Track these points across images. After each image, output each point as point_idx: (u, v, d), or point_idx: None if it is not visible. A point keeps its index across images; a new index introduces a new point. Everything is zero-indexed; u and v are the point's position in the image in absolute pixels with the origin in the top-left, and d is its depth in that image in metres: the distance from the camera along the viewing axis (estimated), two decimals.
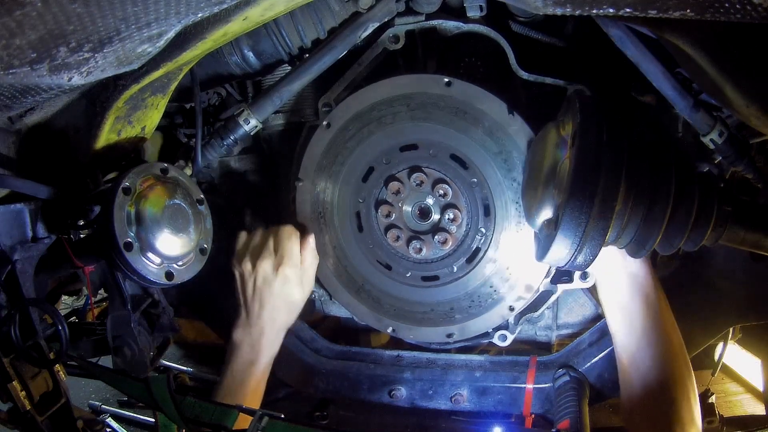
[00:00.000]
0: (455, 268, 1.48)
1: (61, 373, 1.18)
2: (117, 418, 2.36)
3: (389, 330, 1.56)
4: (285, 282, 1.45)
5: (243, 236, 1.54)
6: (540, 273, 1.42)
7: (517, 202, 1.38)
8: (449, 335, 1.51)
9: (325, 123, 1.47)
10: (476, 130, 1.38)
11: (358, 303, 1.56)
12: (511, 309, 1.45)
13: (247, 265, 1.47)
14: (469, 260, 1.46)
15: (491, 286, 1.46)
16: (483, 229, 1.43)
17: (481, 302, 1.48)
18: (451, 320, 1.50)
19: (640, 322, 1.31)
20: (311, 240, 1.51)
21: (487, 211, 1.42)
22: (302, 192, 1.53)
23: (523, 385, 1.56)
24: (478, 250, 1.45)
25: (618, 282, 1.35)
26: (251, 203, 1.86)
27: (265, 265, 1.45)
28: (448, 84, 1.36)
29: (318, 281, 1.59)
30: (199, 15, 0.93)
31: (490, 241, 1.43)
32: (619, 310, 1.35)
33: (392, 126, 1.43)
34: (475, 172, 1.41)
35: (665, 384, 1.25)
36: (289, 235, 1.48)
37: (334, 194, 1.51)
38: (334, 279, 1.56)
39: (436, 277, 1.50)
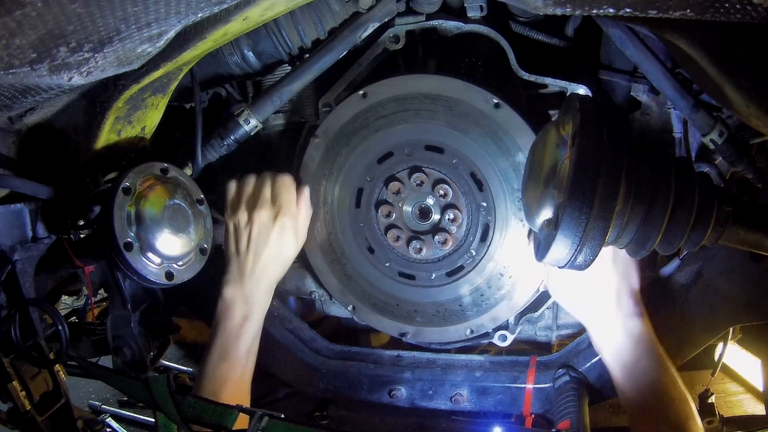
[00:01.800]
0: (433, 275, 1.50)
1: (61, 373, 1.19)
2: (117, 418, 2.36)
3: (349, 308, 1.58)
4: (282, 233, 1.41)
5: (234, 185, 1.47)
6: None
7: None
8: (403, 333, 1.55)
9: (362, 92, 1.44)
10: (505, 159, 1.38)
11: (330, 274, 1.57)
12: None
13: (243, 216, 1.42)
14: (450, 274, 1.49)
15: (460, 305, 1.49)
16: (473, 252, 1.45)
17: (445, 316, 1.51)
18: (412, 320, 1.54)
19: (645, 383, 1.29)
20: (306, 191, 1.48)
21: (485, 237, 1.44)
22: (316, 147, 1.50)
23: (523, 385, 1.56)
24: (461, 267, 1.48)
25: (620, 345, 1.33)
26: None
27: (263, 215, 1.40)
28: (497, 106, 1.35)
29: (319, 282, 1.59)
30: (199, 15, 0.93)
31: (477, 264, 1.45)
32: (622, 370, 1.34)
33: (428, 122, 1.41)
34: (487, 197, 1.41)
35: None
36: (288, 185, 1.44)
37: (346, 161, 1.49)
38: (316, 244, 1.56)
39: (412, 276, 1.51)
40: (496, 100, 1.35)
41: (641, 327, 1.33)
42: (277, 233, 1.41)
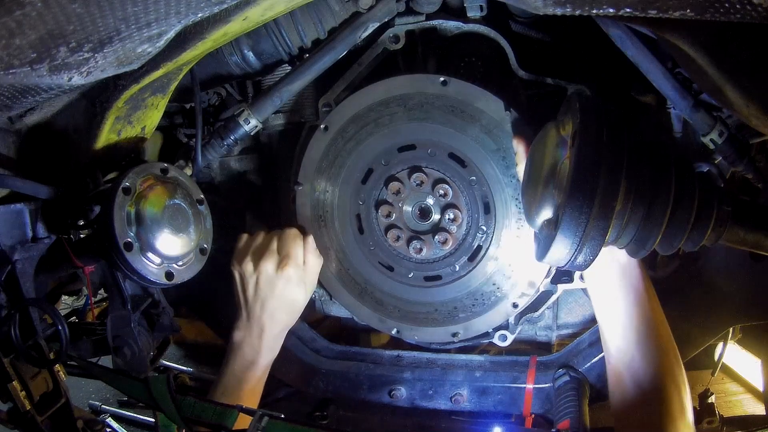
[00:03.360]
0: (457, 267, 1.47)
1: (61, 373, 1.19)
2: (117, 418, 2.36)
3: (393, 332, 1.55)
4: (287, 282, 1.44)
5: (244, 237, 1.53)
6: (541, 269, 1.42)
7: (516, 198, 1.39)
8: (454, 334, 1.51)
9: (323, 126, 1.47)
10: (473, 128, 1.38)
11: (361, 305, 1.56)
12: (515, 306, 1.45)
13: (249, 266, 1.46)
14: (471, 258, 1.46)
15: (494, 284, 1.46)
16: (484, 227, 1.43)
17: (484, 300, 1.47)
18: (455, 319, 1.50)
19: (630, 318, 1.28)
20: (311, 240, 1.50)
21: (487, 209, 1.42)
22: (302, 195, 1.53)
23: (523, 385, 1.56)
24: (479, 248, 1.45)
25: (607, 274, 1.31)
26: (251, 203, 1.86)
27: (268, 265, 1.44)
28: (444, 83, 1.36)
29: (319, 283, 1.59)
30: (199, 15, 0.93)
31: (491, 239, 1.43)
32: (608, 303, 1.32)
33: (390, 127, 1.43)
34: (473, 170, 1.41)
35: (656, 381, 1.23)
36: (294, 237, 1.47)
37: (334, 196, 1.51)
38: (336, 281, 1.56)
39: (438, 277, 1.50)
40: (442, 78, 1.36)
41: (632, 261, 1.29)
42: (283, 283, 1.44)
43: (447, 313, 1.51)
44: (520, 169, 1.30)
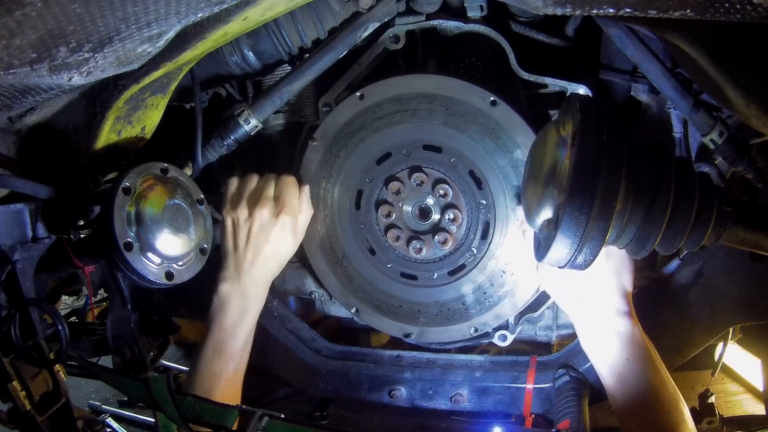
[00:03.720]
0: (435, 275, 1.49)
1: (61, 373, 1.19)
2: (117, 418, 2.36)
3: (352, 310, 1.58)
4: (282, 230, 1.41)
5: (235, 182, 1.47)
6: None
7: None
8: (407, 334, 1.55)
9: (359, 94, 1.44)
10: (503, 158, 1.38)
11: (332, 275, 1.57)
12: (476, 330, 1.50)
13: (243, 212, 1.42)
14: (452, 273, 1.49)
15: (463, 304, 1.50)
16: (474, 249, 1.45)
17: (448, 315, 1.51)
18: (415, 321, 1.53)
19: (634, 385, 1.27)
20: (307, 190, 1.49)
21: (485, 234, 1.44)
22: (314, 150, 1.51)
23: (523, 385, 1.56)
24: (463, 266, 1.48)
25: (607, 344, 1.31)
26: None
27: (264, 212, 1.40)
28: (494, 103, 1.35)
29: (319, 283, 1.59)
30: (199, 15, 0.93)
31: (478, 262, 1.46)
32: (609, 371, 1.31)
33: (425, 122, 1.42)
34: (486, 195, 1.41)
35: None
36: (291, 184, 1.44)
37: (345, 163, 1.49)
38: (316, 245, 1.56)
39: (414, 277, 1.51)
40: (492, 98, 1.35)
41: (630, 327, 1.30)
42: (279, 230, 1.41)
43: (410, 313, 1.54)
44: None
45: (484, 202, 1.42)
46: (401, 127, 1.43)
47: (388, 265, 1.52)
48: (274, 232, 1.41)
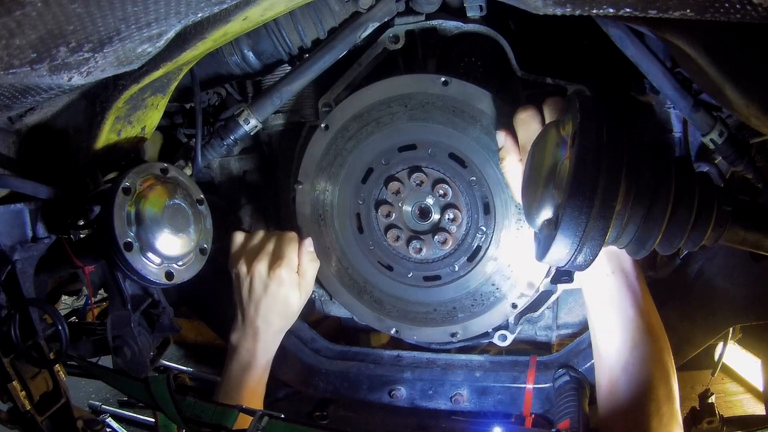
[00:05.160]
0: (456, 267, 1.47)
1: (61, 373, 1.18)
2: (117, 418, 2.36)
3: (392, 331, 1.55)
4: (280, 284, 1.43)
5: (239, 237, 1.52)
6: (540, 270, 1.42)
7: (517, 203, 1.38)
8: (453, 334, 1.51)
9: (323, 125, 1.47)
10: (474, 129, 1.38)
11: (360, 304, 1.56)
12: (514, 306, 1.45)
13: (243, 267, 1.46)
14: (470, 259, 1.46)
15: (493, 284, 1.46)
16: (483, 228, 1.43)
17: (483, 301, 1.47)
18: (454, 319, 1.50)
19: (628, 320, 1.26)
20: (308, 243, 1.50)
21: (487, 210, 1.42)
22: (302, 194, 1.53)
23: (523, 385, 1.56)
24: (479, 248, 1.45)
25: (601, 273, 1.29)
26: (251, 203, 1.86)
27: (260, 266, 1.44)
28: (445, 83, 1.36)
29: (319, 282, 1.59)
30: (199, 15, 0.93)
31: (491, 240, 1.43)
32: (603, 304, 1.29)
33: (390, 126, 1.43)
34: (473, 171, 1.41)
35: (649, 379, 1.22)
36: (291, 239, 1.47)
37: (334, 196, 1.51)
38: (336, 281, 1.56)
39: (437, 277, 1.50)
40: (443, 79, 1.36)
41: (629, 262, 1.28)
42: (275, 285, 1.43)
43: (446, 313, 1.50)
44: (506, 165, 1.29)
45: (474, 178, 1.41)
46: (371, 140, 1.45)
47: (409, 275, 1.51)
48: (271, 287, 1.43)
